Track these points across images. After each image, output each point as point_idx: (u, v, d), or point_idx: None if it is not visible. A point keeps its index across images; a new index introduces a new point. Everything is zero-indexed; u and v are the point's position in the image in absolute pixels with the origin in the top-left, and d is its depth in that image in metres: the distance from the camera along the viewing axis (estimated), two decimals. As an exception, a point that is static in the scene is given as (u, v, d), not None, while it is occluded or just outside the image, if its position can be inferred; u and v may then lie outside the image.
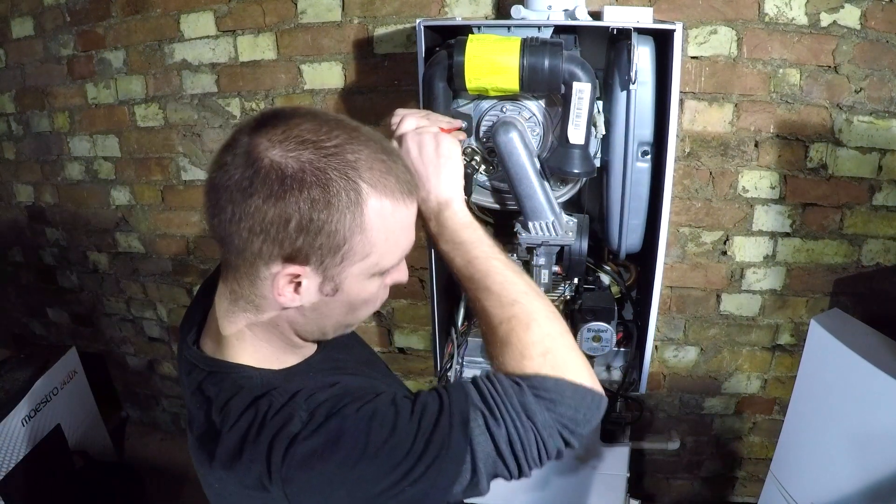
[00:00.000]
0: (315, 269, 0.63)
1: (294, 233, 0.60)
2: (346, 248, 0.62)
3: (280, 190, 0.59)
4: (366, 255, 0.64)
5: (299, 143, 0.60)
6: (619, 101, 1.16)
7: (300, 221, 0.59)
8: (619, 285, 1.51)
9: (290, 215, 0.59)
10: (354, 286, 0.66)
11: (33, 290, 2.48)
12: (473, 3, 1.53)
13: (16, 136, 2.17)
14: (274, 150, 0.59)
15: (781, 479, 1.50)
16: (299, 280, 0.63)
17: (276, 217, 0.59)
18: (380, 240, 0.64)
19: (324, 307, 0.68)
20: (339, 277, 0.65)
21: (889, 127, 1.44)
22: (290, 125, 0.61)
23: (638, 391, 1.45)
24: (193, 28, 1.75)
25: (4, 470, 1.83)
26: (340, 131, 0.62)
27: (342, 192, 0.60)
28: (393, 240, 0.66)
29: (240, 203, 0.60)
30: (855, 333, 1.31)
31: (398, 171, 0.65)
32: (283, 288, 0.64)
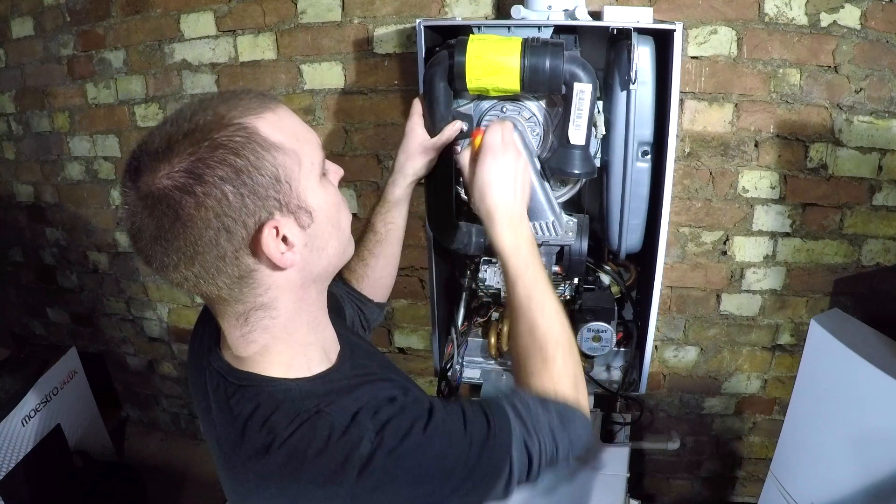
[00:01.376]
0: (281, 213, 0.63)
1: (243, 201, 0.60)
2: (284, 171, 0.63)
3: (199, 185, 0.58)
4: (299, 164, 0.64)
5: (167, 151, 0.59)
6: (619, 101, 1.16)
7: (238, 187, 0.59)
8: (619, 285, 1.51)
9: (226, 193, 0.59)
10: (318, 198, 0.67)
11: (33, 290, 2.48)
12: (473, 3, 1.53)
13: (16, 136, 2.17)
14: (158, 177, 0.58)
15: (781, 479, 1.50)
16: (281, 234, 0.63)
17: (220, 208, 0.59)
18: (294, 143, 0.64)
19: (316, 239, 0.68)
20: (302, 201, 0.65)
21: (889, 127, 1.44)
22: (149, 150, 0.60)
23: (638, 391, 1.45)
24: (193, 28, 1.75)
25: (4, 470, 1.83)
26: (183, 115, 0.62)
27: (234, 136, 0.60)
28: (301, 136, 0.66)
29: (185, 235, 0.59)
30: (855, 333, 1.31)
31: (251, 96, 0.65)
32: (276, 251, 0.63)
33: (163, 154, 0.59)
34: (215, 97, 0.64)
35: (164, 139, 0.60)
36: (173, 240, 0.60)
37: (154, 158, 0.59)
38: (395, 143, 1.71)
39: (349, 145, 1.75)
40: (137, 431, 2.57)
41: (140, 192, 0.59)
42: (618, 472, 1.36)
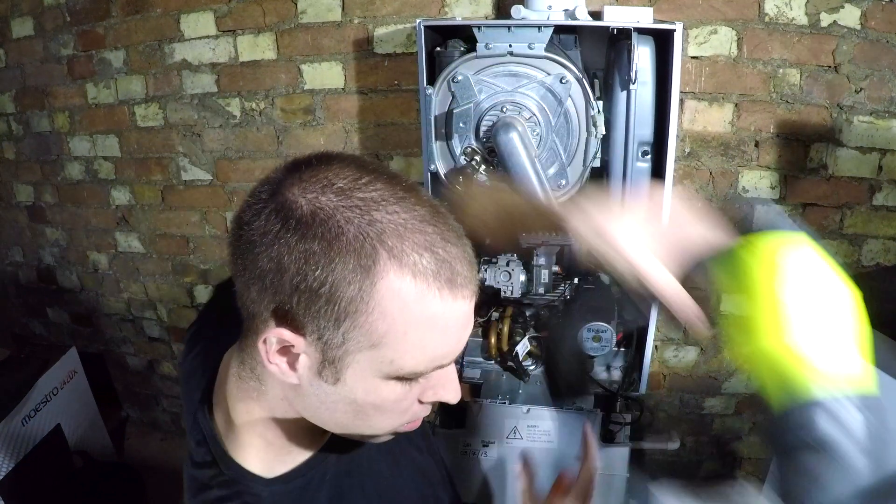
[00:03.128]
0: (313, 344, 0.49)
1: (290, 288, 0.47)
2: (349, 326, 0.47)
3: (282, 230, 0.47)
4: (374, 345, 0.48)
5: (323, 186, 0.48)
6: (619, 101, 1.16)
7: (297, 275, 0.46)
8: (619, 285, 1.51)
9: (287, 264, 0.46)
10: (360, 382, 0.51)
11: (33, 290, 2.48)
12: (473, 3, 1.53)
13: (16, 136, 2.17)
14: (295, 188, 0.48)
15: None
16: (294, 352, 0.50)
17: (272, 262, 0.47)
18: (395, 330, 0.48)
19: (325, 397, 0.52)
20: (340, 363, 0.49)
21: (889, 127, 1.44)
22: (330, 167, 0.49)
23: (638, 391, 1.45)
24: (193, 28, 1.75)
25: (4, 470, 1.83)
26: (384, 186, 0.49)
27: (352, 253, 0.46)
28: (416, 337, 0.48)
29: (246, 236, 0.49)
30: (855, 333, 1.31)
31: (446, 254, 0.48)
32: (272, 354, 0.50)
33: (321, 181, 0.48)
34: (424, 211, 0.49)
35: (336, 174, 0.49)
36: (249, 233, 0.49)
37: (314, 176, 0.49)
38: (395, 143, 1.71)
39: (349, 145, 1.75)
40: (137, 431, 2.57)
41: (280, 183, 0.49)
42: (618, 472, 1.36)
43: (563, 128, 1.19)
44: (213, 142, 1.88)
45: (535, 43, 1.13)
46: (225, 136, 1.86)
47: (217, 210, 1.97)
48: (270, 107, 1.77)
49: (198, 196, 1.98)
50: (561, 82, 1.15)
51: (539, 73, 1.15)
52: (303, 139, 1.78)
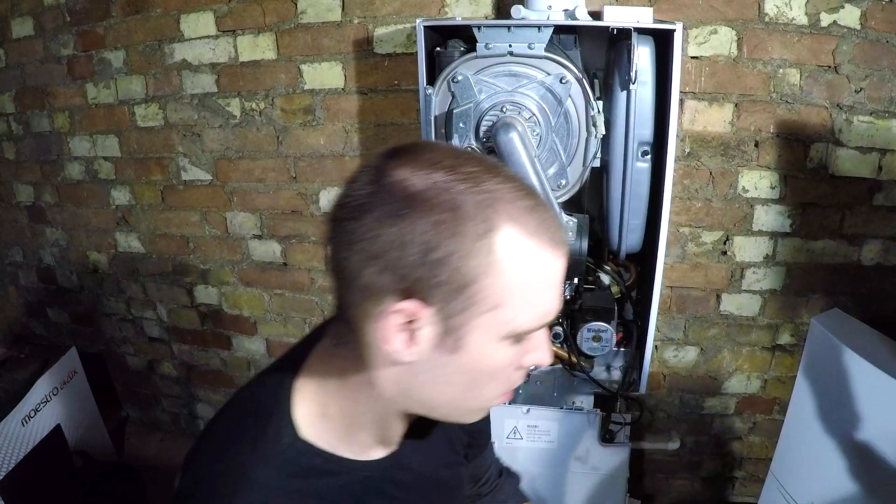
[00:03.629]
0: (436, 314, 0.51)
1: (413, 262, 0.49)
2: (474, 291, 0.50)
3: (401, 207, 0.49)
4: (496, 305, 0.51)
5: (431, 164, 0.51)
6: (619, 101, 1.16)
7: (422, 248, 0.48)
8: (619, 285, 1.51)
9: (411, 239, 0.48)
10: (480, 346, 0.52)
11: (33, 290, 2.48)
12: (473, 3, 1.53)
13: (16, 136, 2.17)
14: (403, 169, 0.51)
15: (781, 479, 1.50)
16: (415, 326, 0.51)
17: (393, 239, 0.49)
18: (514, 288, 0.51)
19: (439, 370, 0.54)
20: (462, 329, 0.51)
21: (889, 127, 1.44)
22: (429, 150, 0.53)
23: (638, 391, 1.45)
24: (193, 28, 1.75)
25: (4, 470, 1.83)
26: (478, 162, 0.53)
27: (473, 220, 0.49)
28: (531, 294, 0.52)
29: (356, 220, 0.50)
30: (855, 333, 1.31)
31: (545, 216, 0.52)
32: (392, 334, 0.52)
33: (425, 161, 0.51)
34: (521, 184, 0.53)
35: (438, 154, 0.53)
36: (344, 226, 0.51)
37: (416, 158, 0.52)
38: (395, 143, 1.71)
39: (349, 145, 1.75)
40: (137, 431, 2.57)
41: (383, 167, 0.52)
42: (618, 472, 1.36)
43: (563, 128, 1.19)
44: (213, 142, 1.88)
45: (535, 43, 1.13)
46: (225, 136, 1.86)
47: (217, 210, 1.97)
48: (270, 107, 1.77)
49: (198, 196, 1.98)
50: (561, 82, 1.15)
51: (539, 73, 1.15)
52: (303, 139, 1.78)
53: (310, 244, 1.93)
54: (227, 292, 2.11)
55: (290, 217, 1.91)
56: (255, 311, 2.10)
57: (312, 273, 1.97)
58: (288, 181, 1.85)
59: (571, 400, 1.46)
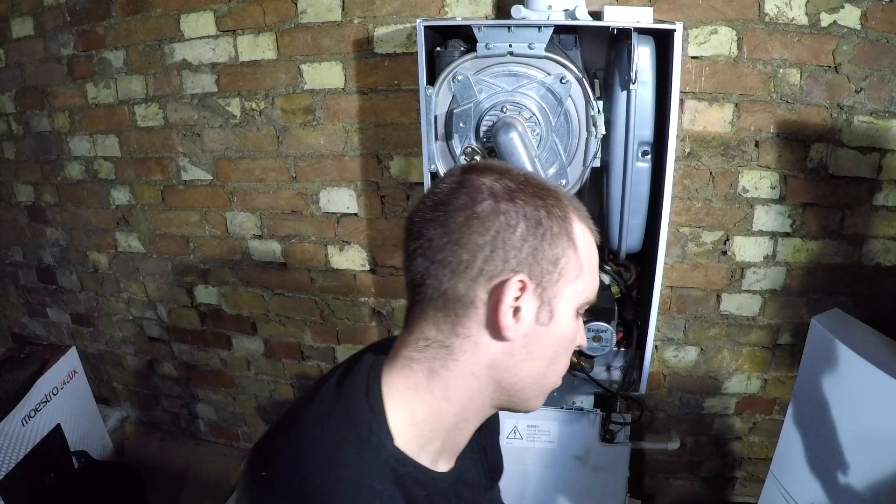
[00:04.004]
0: (535, 289, 0.61)
1: (520, 241, 0.59)
2: (563, 264, 0.61)
3: (505, 197, 0.60)
4: (577, 276, 0.63)
5: (502, 174, 0.62)
6: (619, 101, 1.16)
7: (523, 232, 0.59)
8: (619, 285, 1.51)
9: (515, 223, 0.59)
10: (566, 316, 0.63)
11: (33, 290, 2.48)
12: (473, 3, 1.53)
13: (16, 136, 2.17)
14: (486, 178, 0.62)
15: (781, 479, 1.50)
16: (520, 303, 0.60)
17: (500, 227, 0.59)
18: (586, 262, 0.64)
19: (534, 344, 0.62)
20: (555, 301, 0.62)
21: (889, 127, 1.44)
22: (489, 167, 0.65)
23: (638, 391, 1.45)
24: (193, 28, 1.75)
25: (4, 470, 1.83)
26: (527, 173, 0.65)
27: (553, 209, 0.61)
28: (593, 267, 0.66)
29: (460, 215, 0.60)
30: (855, 333, 1.31)
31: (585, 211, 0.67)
32: (504, 311, 0.59)
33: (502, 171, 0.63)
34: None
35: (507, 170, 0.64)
36: (449, 221, 0.60)
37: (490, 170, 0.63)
38: (395, 143, 1.71)
39: (349, 145, 1.75)
40: (137, 431, 2.57)
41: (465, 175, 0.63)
42: (618, 472, 1.36)
43: (563, 128, 1.19)
44: (213, 142, 1.88)
45: (535, 43, 1.13)
46: (225, 136, 1.86)
47: (217, 210, 1.97)
48: (270, 107, 1.77)
49: (198, 196, 1.98)
50: (561, 82, 1.15)
51: (539, 73, 1.15)
52: (303, 139, 1.78)
53: (310, 244, 1.93)
54: (227, 292, 2.11)
55: (290, 217, 1.91)
56: (255, 311, 2.10)
57: (312, 273, 1.97)
58: (288, 181, 1.85)
59: (571, 400, 1.46)
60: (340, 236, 1.89)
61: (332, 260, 1.93)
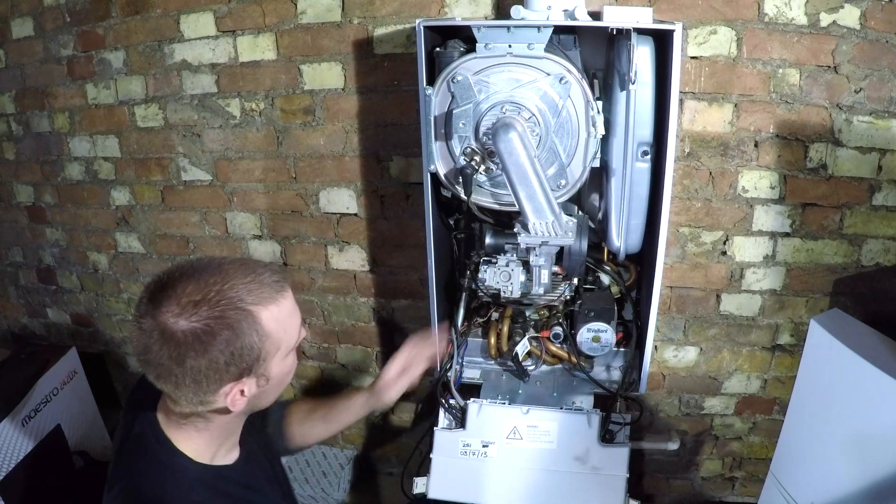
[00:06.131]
0: (250, 377, 0.84)
1: (227, 366, 0.80)
2: (264, 353, 0.84)
3: (202, 346, 0.78)
4: (277, 349, 0.86)
5: (193, 305, 0.78)
6: (618, 101, 1.16)
7: (228, 358, 0.80)
8: (619, 285, 1.51)
9: (218, 358, 0.79)
10: (278, 369, 0.88)
11: (33, 290, 2.48)
12: (473, 3, 1.53)
13: (16, 136, 2.17)
14: (180, 322, 0.77)
15: (781, 479, 1.50)
16: (243, 389, 0.85)
17: (210, 365, 0.79)
18: (281, 333, 0.85)
19: (262, 394, 0.89)
20: (267, 371, 0.86)
21: (889, 127, 1.44)
22: (178, 293, 0.79)
23: (638, 391, 1.45)
24: (193, 28, 1.75)
25: (4, 470, 1.83)
26: (215, 277, 0.81)
27: (241, 322, 0.80)
28: (288, 326, 0.87)
29: (179, 369, 0.79)
30: (855, 333, 1.31)
31: (266, 278, 0.84)
32: (234, 401, 0.85)
33: (184, 304, 0.78)
34: (239, 269, 0.83)
35: (188, 292, 0.78)
36: (170, 365, 0.78)
37: (175, 303, 0.78)
38: (395, 143, 1.71)
39: (349, 145, 1.75)
40: (137, 431, 2.57)
41: (157, 322, 0.77)
42: (617, 473, 1.36)
43: (563, 128, 1.19)
44: (213, 142, 1.88)
45: (535, 43, 1.13)
46: (225, 137, 1.86)
47: (217, 210, 1.98)
48: (270, 107, 1.77)
49: (198, 196, 1.98)
50: (561, 82, 1.15)
51: (539, 73, 1.15)
52: (303, 139, 1.78)
53: (310, 244, 1.93)
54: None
55: (290, 217, 1.91)
56: (255, 312, 2.10)
57: (312, 273, 1.97)
58: (288, 181, 1.85)
59: (571, 400, 1.46)
60: (340, 236, 1.89)
61: (332, 260, 1.93)
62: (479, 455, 1.41)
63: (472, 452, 1.41)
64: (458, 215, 1.48)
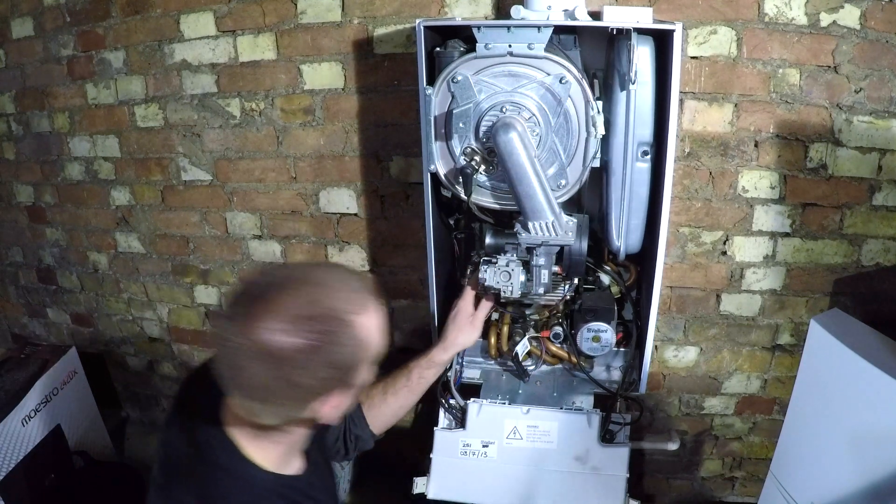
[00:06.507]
0: (345, 388, 0.82)
1: (328, 380, 0.78)
2: (358, 363, 0.81)
3: (306, 361, 0.74)
4: (368, 358, 0.83)
5: (294, 320, 0.74)
6: (618, 101, 1.16)
7: (329, 372, 0.77)
8: (619, 285, 1.51)
9: (320, 372, 0.76)
10: (363, 378, 0.85)
11: (33, 290, 2.48)
12: (473, 3, 1.53)
13: (16, 136, 2.17)
14: (282, 337, 0.73)
15: (781, 479, 1.50)
16: (337, 401, 0.82)
17: (310, 379, 0.76)
18: (373, 341, 0.82)
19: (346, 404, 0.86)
20: (357, 381, 0.83)
21: (889, 127, 1.44)
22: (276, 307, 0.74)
23: (638, 391, 1.45)
24: (193, 28, 1.75)
25: (4, 470, 1.83)
26: (310, 288, 0.77)
27: (342, 333, 0.76)
28: (378, 333, 0.83)
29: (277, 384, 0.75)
30: (855, 333, 1.31)
31: (355, 285, 0.81)
32: (328, 413, 0.82)
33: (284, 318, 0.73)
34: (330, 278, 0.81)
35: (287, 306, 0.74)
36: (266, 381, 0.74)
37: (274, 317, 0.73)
38: (395, 143, 1.71)
39: (349, 145, 1.75)
40: (137, 431, 2.57)
41: (255, 338, 0.73)
42: (617, 473, 1.36)
43: (563, 128, 1.19)
44: (213, 142, 1.88)
45: (535, 43, 1.13)
46: (225, 137, 1.86)
47: (217, 210, 1.98)
48: (270, 107, 1.77)
49: (198, 196, 1.98)
50: (560, 82, 1.15)
51: (539, 73, 1.15)
52: (303, 139, 1.78)
53: (310, 244, 1.93)
54: (227, 292, 2.11)
55: (290, 217, 1.91)
56: (255, 312, 2.10)
57: (312, 273, 1.97)
58: (288, 181, 1.85)
59: (571, 400, 1.46)
60: (340, 236, 1.89)
61: (332, 260, 1.93)
62: (479, 455, 1.41)
63: (472, 452, 1.41)
64: (458, 215, 1.47)
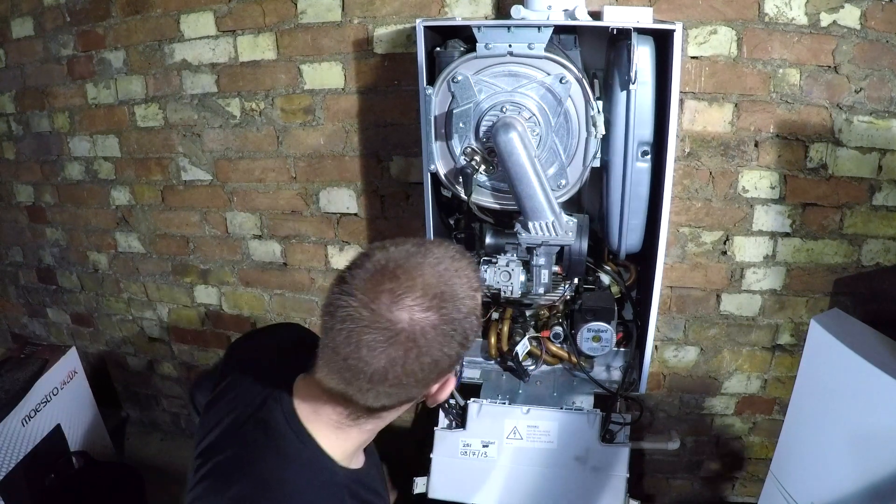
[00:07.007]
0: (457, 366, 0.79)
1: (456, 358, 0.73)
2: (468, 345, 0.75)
3: (446, 341, 0.70)
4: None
5: (433, 298, 0.69)
6: (619, 101, 1.16)
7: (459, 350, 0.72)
8: (619, 285, 1.51)
9: (454, 352, 0.71)
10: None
11: (33, 290, 2.48)
12: (473, 3, 1.53)
13: (16, 136, 2.17)
14: (418, 314, 0.68)
15: (781, 479, 1.50)
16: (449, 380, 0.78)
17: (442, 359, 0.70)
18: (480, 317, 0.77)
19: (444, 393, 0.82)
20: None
21: (889, 127, 1.44)
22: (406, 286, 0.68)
23: (638, 391, 1.45)
24: (193, 28, 1.75)
25: (4, 470, 1.83)
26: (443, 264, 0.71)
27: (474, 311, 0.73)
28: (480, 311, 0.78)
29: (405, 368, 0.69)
30: (855, 333, 1.31)
31: (467, 258, 0.75)
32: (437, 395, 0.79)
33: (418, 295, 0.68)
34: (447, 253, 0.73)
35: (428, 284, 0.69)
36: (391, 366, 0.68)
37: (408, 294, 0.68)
38: (395, 143, 1.71)
39: (349, 145, 1.75)
40: (137, 431, 2.57)
41: (387, 314, 0.67)
42: (618, 473, 1.36)
43: (563, 128, 1.19)
44: (213, 142, 1.88)
45: (535, 43, 1.13)
46: (225, 137, 1.86)
47: (217, 210, 1.98)
48: (270, 107, 1.77)
49: (198, 196, 1.98)
50: (561, 82, 1.15)
51: (539, 73, 1.15)
52: (303, 139, 1.78)
53: (310, 244, 1.93)
54: (227, 292, 2.11)
55: (290, 217, 1.91)
56: (255, 311, 2.10)
57: (312, 273, 1.97)
58: (288, 181, 1.85)
59: (571, 400, 1.46)
60: (340, 236, 1.89)
61: (331, 260, 1.93)
62: (479, 455, 1.41)
63: (472, 452, 1.41)
64: (458, 215, 1.48)
